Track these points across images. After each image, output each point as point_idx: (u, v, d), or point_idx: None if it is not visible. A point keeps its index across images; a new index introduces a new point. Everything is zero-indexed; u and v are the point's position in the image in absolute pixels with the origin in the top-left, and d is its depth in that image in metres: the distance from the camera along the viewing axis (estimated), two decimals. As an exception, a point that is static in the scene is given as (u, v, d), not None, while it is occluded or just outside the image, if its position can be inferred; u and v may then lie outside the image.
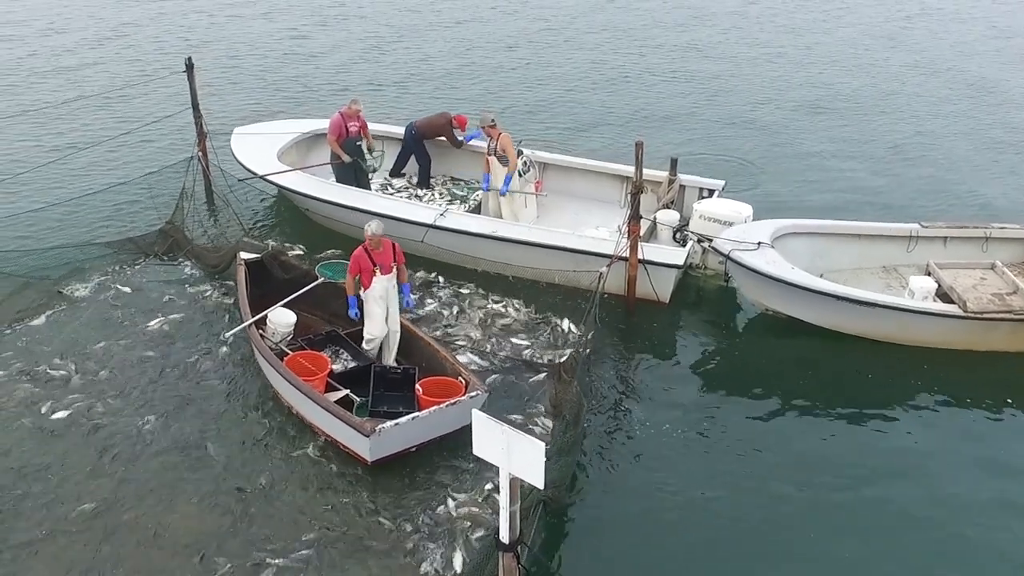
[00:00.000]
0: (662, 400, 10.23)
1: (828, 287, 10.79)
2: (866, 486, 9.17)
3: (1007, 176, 16.16)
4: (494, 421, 5.14)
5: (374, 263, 9.91)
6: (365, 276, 9.94)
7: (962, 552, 8.49)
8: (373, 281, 9.93)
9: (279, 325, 10.55)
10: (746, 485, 9.09)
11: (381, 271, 9.96)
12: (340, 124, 12.88)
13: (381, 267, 9.96)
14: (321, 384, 9.76)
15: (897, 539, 8.56)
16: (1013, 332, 10.95)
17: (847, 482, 9.20)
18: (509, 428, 5.03)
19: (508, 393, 10.11)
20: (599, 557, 8.19)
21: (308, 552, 8.08)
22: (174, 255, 12.53)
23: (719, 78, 20.53)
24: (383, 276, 9.98)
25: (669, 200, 13.08)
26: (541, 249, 11.72)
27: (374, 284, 9.94)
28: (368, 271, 9.91)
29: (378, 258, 9.94)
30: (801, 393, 10.48)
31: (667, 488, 8.98)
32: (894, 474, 9.34)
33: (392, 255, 10.13)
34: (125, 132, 15.85)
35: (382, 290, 10.00)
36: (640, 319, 11.56)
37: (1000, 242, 12.56)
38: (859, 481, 9.23)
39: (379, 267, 9.94)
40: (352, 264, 9.95)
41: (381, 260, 9.97)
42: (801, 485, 9.12)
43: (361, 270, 9.92)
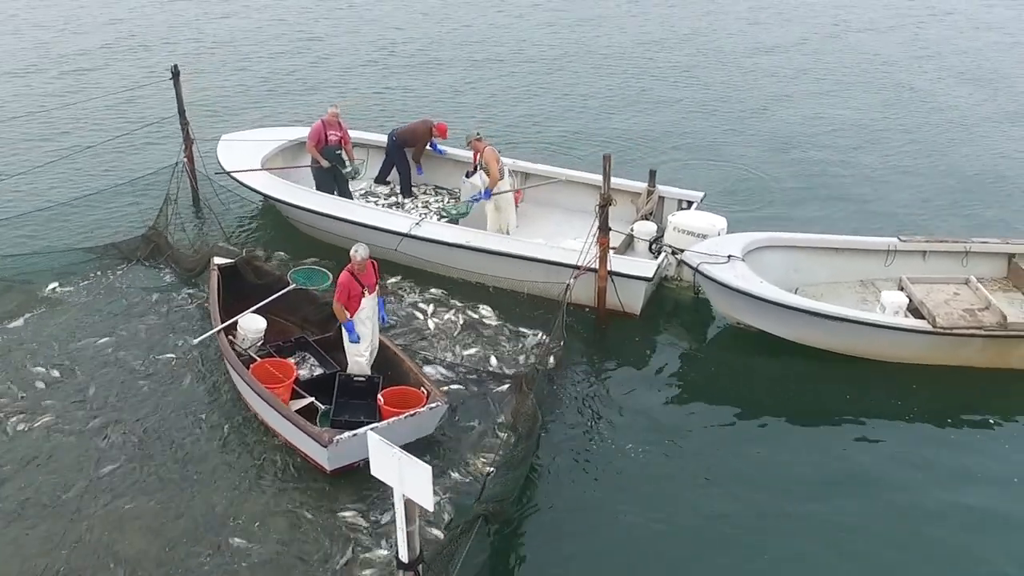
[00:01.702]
0: (626, 414, 10.24)
1: (795, 301, 10.75)
2: (830, 501, 9.16)
3: (990, 188, 16.05)
4: (386, 444, 5.21)
5: (362, 285, 9.97)
6: (354, 300, 9.90)
7: (930, 564, 8.50)
8: (362, 302, 9.97)
9: (249, 331, 10.67)
10: (704, 500, 9.10)
11: (368, 291, 10.04)
12: (320, 131, 13.03)
13: (368, 288, 10.04)
14: (287, 391, 9.88)
15: (860, 552, 8.56)
16: (984, 348, 10.87)
17: (811, 498, 9.19)
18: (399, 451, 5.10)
19: (471, 404, 10.18)
20: (540, 572, 8.22)
21: (258, 557, 8.20)
22: (156, 260, 12.72)
23: (705, 90, 20.48)
24: (370, 296, 10.06)
25: (648, 211, 13.10)
26: (512, 260, 11.77)
27: (363, 305, 9.99)
28: (358, 295, 9.92)
29: (364, 279, 10.02)
30: (769, 409, 10.46)
31: (621, 504, 8.99)
32: (860, 489, 9.32)
33: (374, 273, 10.23)
34: (112, 138, 16.08)
35: (370, 310, 10.07)
36: (610, 331, 11.58)
37: (980, 256, 12.48)
38: (823, 496, 9.22)
39: (366, 288, 10.02)
40: (341, 292, 9.84)
41: (367, 281, 10.06)
42: (763, 501, 9.10)
43: (350, 295, 9.88)
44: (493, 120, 18.15)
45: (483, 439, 9.62)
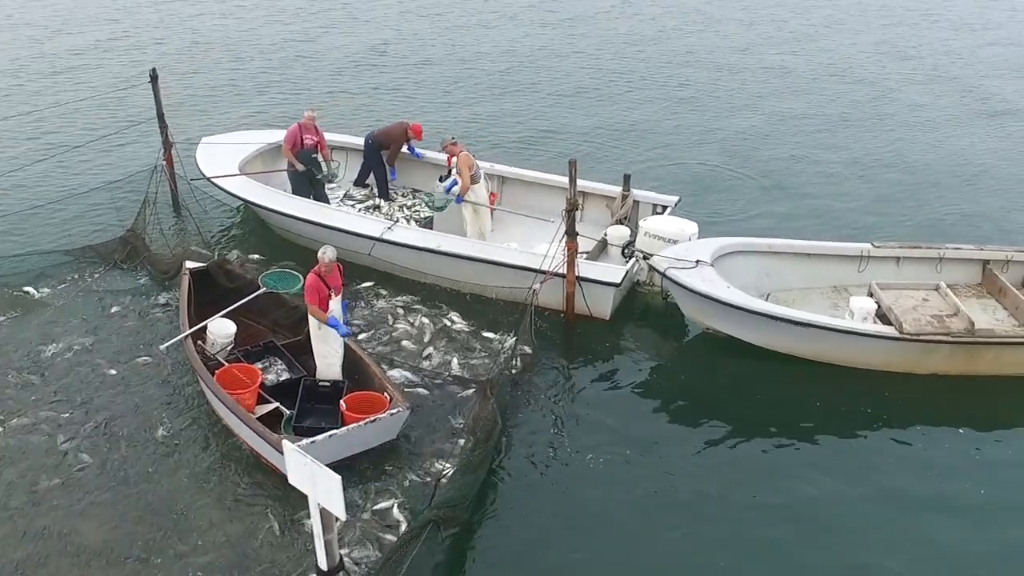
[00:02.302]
0: (591, 420, 10.26)
1: (760, 306, 10.74)
2: (791, 507, 9.16)
3: (967, 194, 16.02)
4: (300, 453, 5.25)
5: (328, 287, 10.01)
6: (322, 303, 9.95)
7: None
8: (330, 305, 10.02)
9: (218, 336, 10.71)
10: (662, 509, 9.09)
11: (334, 293, 10.08)
12: (296, 134, 13.10)
13: (334, 290, 10.09)
14: (252, 396, 9.93)
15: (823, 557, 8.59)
16: (952, 355, 10.84)
17: (774, 504, 9.18)
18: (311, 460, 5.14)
19: (436, 409, 10.22)
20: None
21: (215, 561, 8.26)
22: (133, 262, 12.81)
23: (682, 92, 20.50)
24: (335, 298, 10.11)
25: (623, 216, 13.11)
26: (482, 264, 11.80)
27: (331, 307, 10.04)
28: (325, 297, 9.96)
29: (331, 281, 10.06)
30: (735, 416, 10.43)
31: (579, 511, 9.00)
32: (823, 497, 9.31)
33: (340, 276, 10.28)
34: (93, 140, 16.18)
35: (336, 312, 10.10)
36: (580, 336, 11.61)
37: (954, 263, 12.45)
38: (784, 502, 9.21)
39: (332, 290, 10.06)
40: (311, 294, 9.87)
41: (333, 283, 10.10)
42: (722, 509, 9.10)
43: (320, 298, 9.92)
44: (472, 122, 18.25)
45: (444, 444, 9.66)
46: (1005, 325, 11.61)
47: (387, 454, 9.55)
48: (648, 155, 16.95)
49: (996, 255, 12.42)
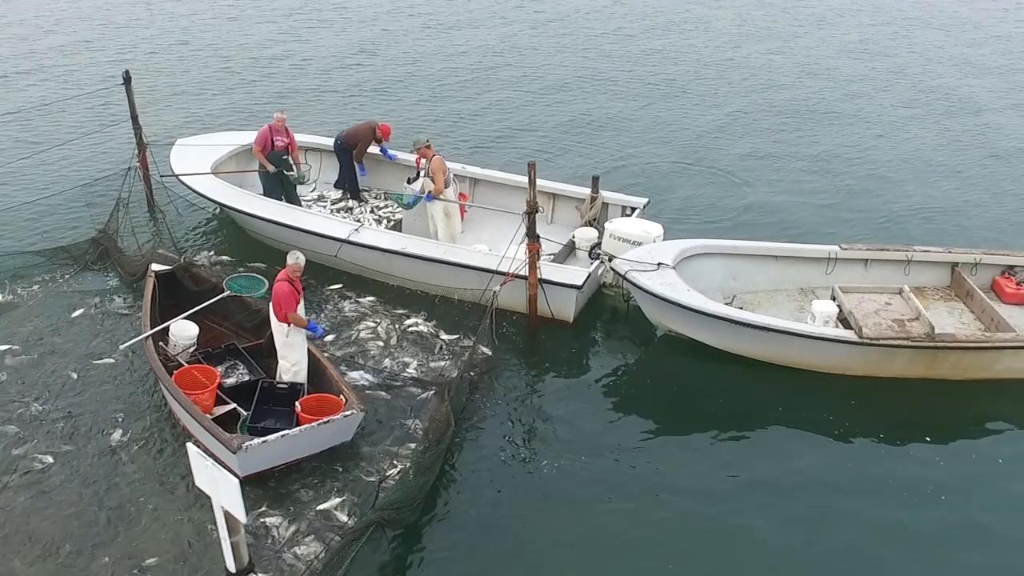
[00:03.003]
0: (549, 422, 10.28)
1: (718, 310, 10.72)
2: (748, 511, 9.17)
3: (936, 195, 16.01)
4: (202, 456, 5.29)
5: (297, 291, 10.08)
6: (293, 308, 9.97)
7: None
8: (297, 309, 10.07)
9: (180, 337, 10.79)
10: (615, 514, 9.07)
11: (301, 298, 10.15)
12: (266, 136, 13.16)
13: (300, 294, 10.15)
14: (211, 397, 10.00)
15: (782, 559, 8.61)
16: (913, 359, 10.80)
17: (727, 509, 9.18)
18: (212, 463, 5.18)
19: (394, 411, 10.27)
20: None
21: (162, 560, 8.33)
22: (104, 264, 12.90)
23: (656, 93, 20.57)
24: (301, 303, 10.17)
25: (592, 217, 13.13)
26: (447, 266, 11.83)
27: (299, 312, 10.08)
28: (296, 301, 10.01)
29: (297, 286, 10.13)
30: (694, 419, 10.45)
31: (530, 514, 9.04)
32: (781, 501, 9.33)
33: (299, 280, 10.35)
34: (68, 141, 16.32)
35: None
36: (542, 338, 11.62)
37: (923, 265, 12.40)
38: (738, 507, 9.22)
39: (300, 294, 10.14)
40: (289, 302, 9.86)
41: (298, 288, 10.17)
42: (675, 514, 9.10)
43: (295, 303, 9.94)
44: (441, 120, 18.40)
45: (399, 446, 9.70)
46: (971, 328, 11.57)
47: (341, 455, 9.61)
48: (620, 156, 17.00)
49: (964, 257, 12.37)
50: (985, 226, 14.73)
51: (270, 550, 8.38)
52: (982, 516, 9.20)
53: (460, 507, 9.10)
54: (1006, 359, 10.78)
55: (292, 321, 9.95)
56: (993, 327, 11.34)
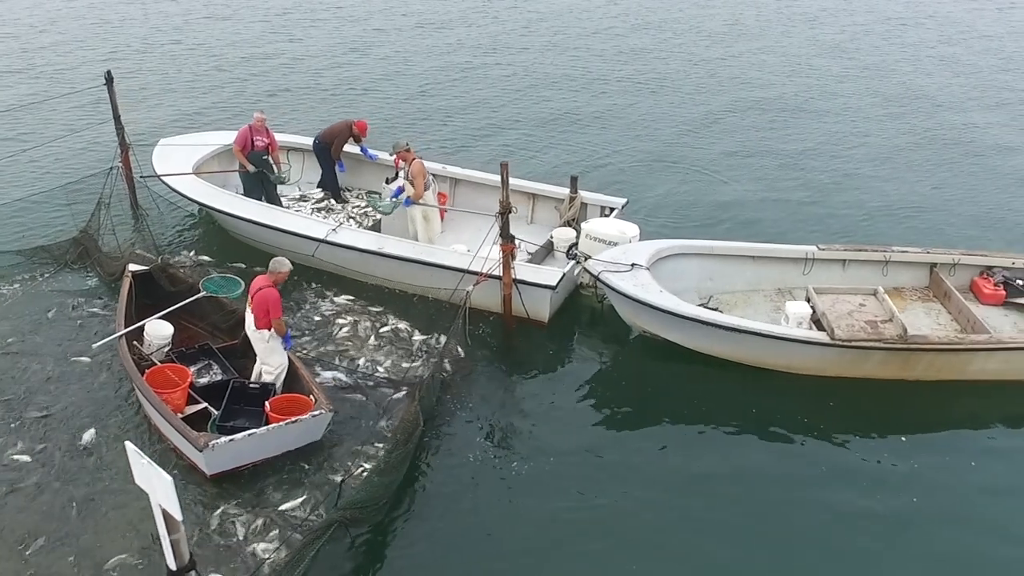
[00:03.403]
0: (519, 423, 10.29)
1: (690, 311, 10.71)
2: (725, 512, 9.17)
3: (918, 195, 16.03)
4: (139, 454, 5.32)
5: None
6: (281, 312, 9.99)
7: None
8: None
9: (154, 337, 10.83)
10: (585, 514, 9.08)
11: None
12: (246, 136, 13.21)
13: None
14: (183, 396, 10.04)
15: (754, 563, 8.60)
16: (886, 361, 10.78)
17: (702, 512, 9.17)
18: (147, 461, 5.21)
19: (365, 410, 10.28)
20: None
21: (124, 558, 8.37)
22: (84, 263, 12.95)
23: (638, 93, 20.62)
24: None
25: (571, 217, 13.14)
26: (424, 266, 11.85)
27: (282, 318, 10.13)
28: (281, 308, 10.03)
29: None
30: (667, 420, 10.45)
31: (496, 516, 9.05)
32: (753, 499, 9.33)
33: None
34: (51, 140, 16.37)
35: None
36: (517, 339, 11.62)
37: (902, 266, 12.39)
38: (716, 508, 9.22)
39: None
40: (277, 306, 9.83)
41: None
42: (650, 513, 9.10)
43: (280, 308, 9.94)
44: (424, 120, 18.49)
45: (368, 446, 9.72)
46: (947, 329, 11.55)
47: (311, 455, 9.63)
48: (602, 156, 17.06)
49: (943, 258, 12.34)
50: (966, 225, 14.71)
51: (234, 548, 8.43)
52: (952, 517, 9.19)
53: (429, 507, 9.11)
54: (979, 361, 10.76)
55: (276, 327, 9.96)
56: (969, 328, 11.32)
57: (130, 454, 5.32)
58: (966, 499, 9.43)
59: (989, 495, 9.50)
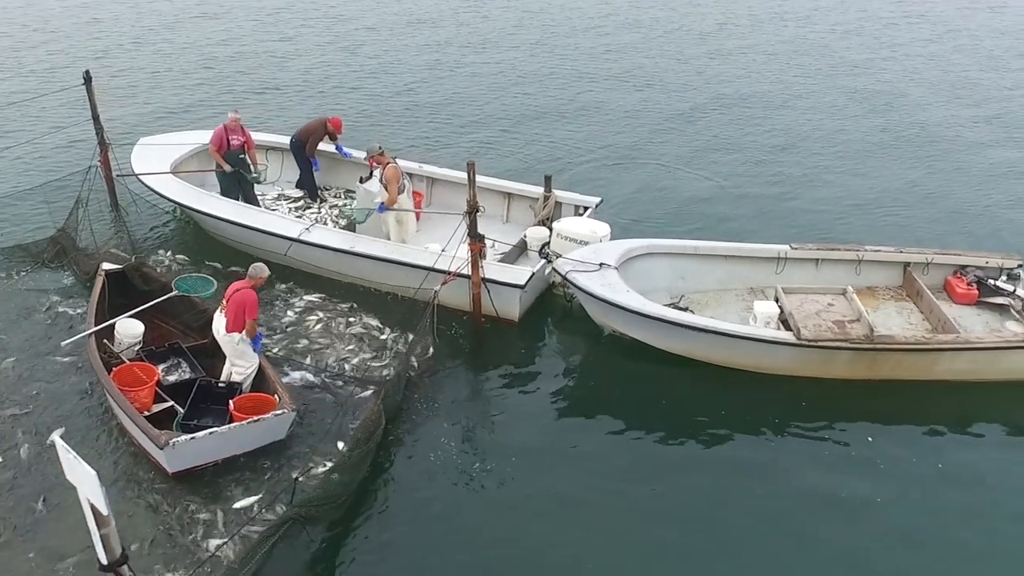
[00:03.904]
0: (486, 423, 10.34)
1: (655, 310, 10.71)
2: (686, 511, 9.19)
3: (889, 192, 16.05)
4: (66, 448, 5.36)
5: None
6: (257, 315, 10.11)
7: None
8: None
9: (125, 335, 10.91)
10: (547, 515, 9.07)
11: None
12: (222, 135, 13.26)
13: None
14: (150, 394, 10.11)
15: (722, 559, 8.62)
16: (853, 361, 10.77)
17: (667, 511, 9.19)
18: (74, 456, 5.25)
19: (331, 409, 10.32)
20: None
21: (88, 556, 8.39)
22: (61, 262, 13.03)
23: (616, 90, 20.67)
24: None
25: (545, 216, 13.16)
26: (393, 265, 11.88)
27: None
28: (258, 311, 10.14)
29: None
30: (635, 420, 10.41)
31: (456, 515, 9.05)
32: (718, 498, 9.34)
33: None
34: (30, 140, 16.43)
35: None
36: (487, 338, 11.64)
37: (875, 265, 12.37)
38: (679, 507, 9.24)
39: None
40: (254, 309, 9.95)
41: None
42: (616, 513, 9.09)
43: (257, 311, 10.06)
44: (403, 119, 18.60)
45: (331, 444, 9.77)
46: (918, 329, 11.53)
47: (274, 453, 9.68)
48: (578, 156, 17.07)
49: (916, 257, 12.31)
50: (942, 224, 14.72)
51: (192, 546, 8.49)
52: (916, 517, 9.19)
53: (391, 506, 9.15)
54: (946, 361, 10.74)
55: (249, 328, 10.01)
56: (940, 328, 11.30)
57: (59, 449, 5.37)
58: (931, 502, 9.40)
59: (955, 499, 9.46)
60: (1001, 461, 10.01)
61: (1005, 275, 12.13)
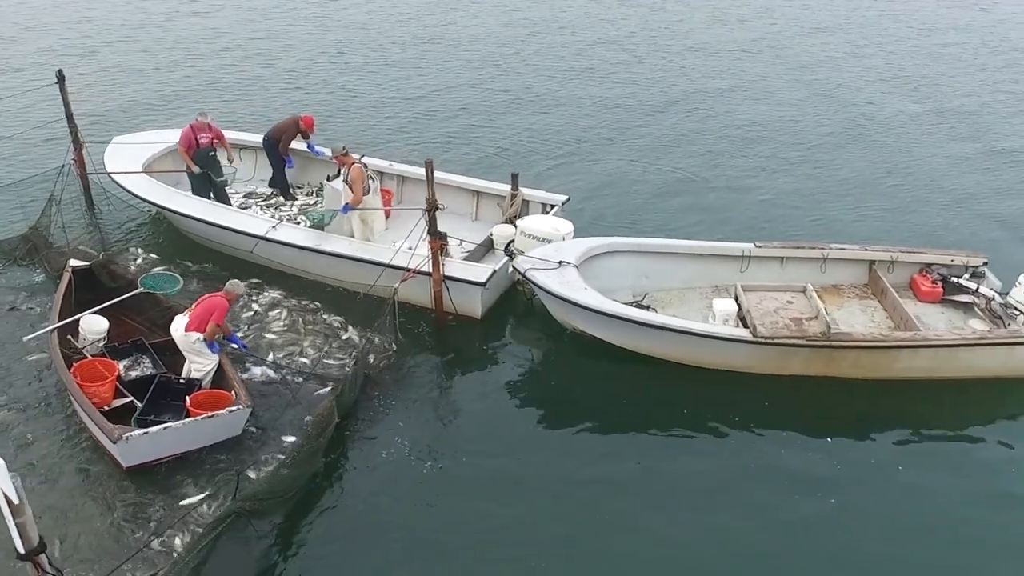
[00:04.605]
0: (443, 419, 10.42)
1: (611, 308, 10.73)
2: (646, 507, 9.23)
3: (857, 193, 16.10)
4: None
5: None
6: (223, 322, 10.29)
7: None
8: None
9: (89, 331, 11.01)
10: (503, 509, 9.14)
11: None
12: (190, 136, 13.35)
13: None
14: (110, 389, 10.21)
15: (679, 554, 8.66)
16: (812, 358, 10.79)
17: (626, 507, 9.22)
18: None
19: (289, 406, 10.37)
20: (295, 569, 8.46)
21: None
22: (32, 260, 13.14)
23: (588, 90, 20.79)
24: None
25: (512, 214, 13.21)
26: (356, 262, 11.94)
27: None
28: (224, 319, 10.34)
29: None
30: (593, 417, 10.47)
31: (416, 510, 9.13)
32: (677, 495, 9.39)
33: None
34: (10, 136, 16.60)
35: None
36: (448, 335, 11.71)
37: (841, 263, 12.38)
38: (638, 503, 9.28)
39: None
40: (223, 316, 10.19)
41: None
42: (568, 510, 9.13)
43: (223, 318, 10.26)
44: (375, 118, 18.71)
45: (287, 440, 9.83)
46: (880, 327, 11.54)
47: (230, 449, 9.76)
48: (546, 152, 17.20)
49: (881, 255, 12.32)
50: (916, 222, 14.72)
51: (135, 539, 8.57)
52: (872, 515, 9.20)
53: (340, 502, 9.23)
54: (905, 358, 10.75)
55: (210, 330, 10.16)
56: (902, 326, 11.31)
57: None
58: (888, 500, 9.41)
59: (912, 495, 9.47)
60: (960, 458, 10.02)
61: (970, 273, 12.13)
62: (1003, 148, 18.08)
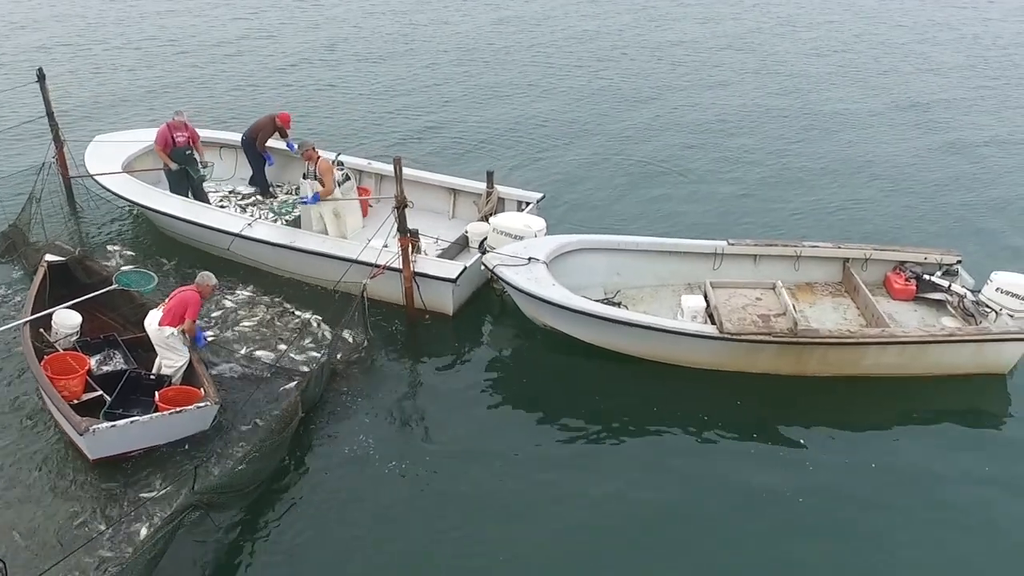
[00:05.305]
0: (408, 416, 10.45)
1: (577, 304, 10.74)
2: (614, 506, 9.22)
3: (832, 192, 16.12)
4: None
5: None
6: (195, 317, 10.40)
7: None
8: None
9: (62, 326, 11.07)
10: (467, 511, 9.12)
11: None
12: (166, 134, 13.44)
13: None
14: (80, 383, 10.29)
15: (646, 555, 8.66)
16: (779, 355, 10.80)
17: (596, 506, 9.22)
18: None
19: (256, 401, 10.43)
20: (255, 562, 8.52)
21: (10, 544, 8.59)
22: (11, 257, 13.25)
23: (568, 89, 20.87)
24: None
25: (488, 212, 13.25)
26: (327, 259, 12.00)
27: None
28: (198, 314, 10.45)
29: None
30: (563, 414, 10.46)
31: (365, 507, 9.14)
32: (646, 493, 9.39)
33: None
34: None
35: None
36: (419, 332, 11.75)
37: (815, 261, 12.38)
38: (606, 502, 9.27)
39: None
40: (196, 311, 10.32)
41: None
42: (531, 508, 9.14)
43: (196, 313, 10.39)
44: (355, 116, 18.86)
45: (253, 435, 9.89)
46: (852, 324, 11.55)
47: (198, 444, 9.83)
48: (530, 153, 17.22)
49: (855, 253, 12.32)
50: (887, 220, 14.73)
51: (97, 531, 8.64)
52: (840, 514, 9.19)
53: (301, 497, 9.25)
54: (873, 355, 10.75)
55: (187, 327, 10.26)
56: (874, 323, 11.32)
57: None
58: (856, 501, 9.37)
59: (879, 491, 9.48)
60: (930, 455, 9.99)
61: (943, 271, 12.14)
62: (979, 143, 18.14)
